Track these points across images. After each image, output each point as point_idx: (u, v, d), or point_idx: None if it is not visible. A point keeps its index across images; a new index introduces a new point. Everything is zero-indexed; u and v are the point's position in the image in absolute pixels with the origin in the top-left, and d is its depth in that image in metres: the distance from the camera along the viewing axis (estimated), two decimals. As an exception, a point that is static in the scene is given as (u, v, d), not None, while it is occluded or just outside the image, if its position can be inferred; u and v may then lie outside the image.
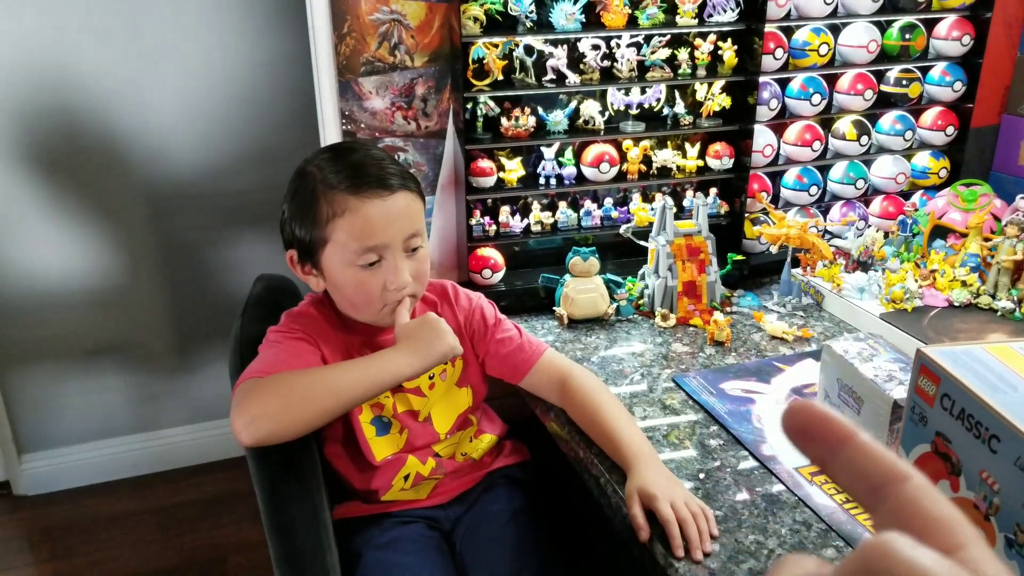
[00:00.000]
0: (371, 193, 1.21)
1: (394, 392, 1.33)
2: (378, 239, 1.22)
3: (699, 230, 1.72)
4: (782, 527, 1.10)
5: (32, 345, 2.32)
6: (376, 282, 1.24)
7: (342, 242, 1.22)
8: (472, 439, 1.44)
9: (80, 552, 2.24)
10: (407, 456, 1.35)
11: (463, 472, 1.43)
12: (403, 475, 1.35)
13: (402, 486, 1.36)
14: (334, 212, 1.21)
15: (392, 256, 1.24)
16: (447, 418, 1.38)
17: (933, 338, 1.51)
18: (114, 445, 2.48)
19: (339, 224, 1.21)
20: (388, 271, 1.24)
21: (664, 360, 1.54)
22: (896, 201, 2.00)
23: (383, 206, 1.22)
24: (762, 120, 1.82)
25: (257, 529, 1.23)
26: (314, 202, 1.23)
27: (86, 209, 2.24)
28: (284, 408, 1.12)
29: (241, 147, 2.30)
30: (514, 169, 1.75)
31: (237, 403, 1.13)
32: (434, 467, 1.37)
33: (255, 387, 1.14)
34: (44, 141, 2.15)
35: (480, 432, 1.45)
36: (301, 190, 1.26)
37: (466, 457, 1.42)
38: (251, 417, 1.11)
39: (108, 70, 2.13)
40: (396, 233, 1.23)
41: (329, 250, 1.24)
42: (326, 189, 1.22)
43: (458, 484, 1.42)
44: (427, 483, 1.39)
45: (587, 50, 1.70)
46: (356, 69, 1.64)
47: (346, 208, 1.21)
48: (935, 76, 1.94)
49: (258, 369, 1.18)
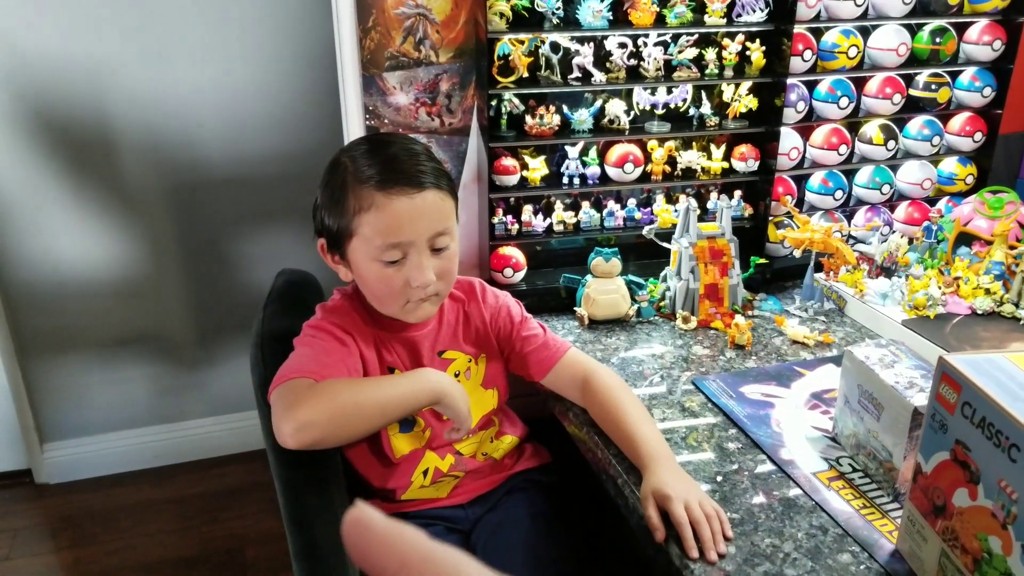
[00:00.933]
0: (398, 190, 1.21)
1: None
2: (403, 236, 1.22)
3: (722, 232, 1.71)
4: (798, 531, 1.09)
5: (55, 335, 2.34)
6: (399, 279, 1.24)
7: (367, 237, 1.22)
8: (493, 439, 1.44)
9: (101, 540, 2.26)
10: (425, 451, 1.35)
11: (483, 473, 1.43)
12: (421, 470, 1.35)
13: (421, 483, 1.36)
14: (361, 206, 1.21)
15: (416, 254, 1.23)
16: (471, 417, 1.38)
17: (955, 346, 1.49)
18: (136, 435, 2.50)
19: (365, 219, 1.21)
20: (411, 268, 1.23)
21: (684, 363, 1.54)
22: (921, 207, 1.98)
23: (410, 204, 1.21)
24: (789, 122, 1.81)
25: (276, 521, 1.23)
26: (344, 194, 1.23)
27: (110, 200, 2.25)
28: (333, 419, 1.14)
29: (265, 141, 2.31)
30: (538, 168, 1.74)
31: (286, 405, 1.13)
32: (453, 463, 1.37)
33: (304, 392, 1.14)
34: (69, 133, 2.16)
35: (502, 433, 1.45)
36: (333, 180, 1.26)
37: (487, 457, 1.42)
38: (301, 423, 1.11)
39: (133, 63, 2.14)
40: (422, 231, 1.23)
41: (355, 243, 1.24)
42: (356, 182, 1.22)
43: (479, 485, 1.42)
44: (447, 481, 1.39)
45: (614, 48, 1.70)
46: (380, 64, 1.64)
47: (373, 203, 1.21)
48: (964, 81, 1.92)
49: (299, 368, 1.18)
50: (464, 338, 1.39)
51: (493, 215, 1.74)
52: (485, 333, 1.40)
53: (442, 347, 1.37)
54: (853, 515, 1.12)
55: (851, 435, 1.24)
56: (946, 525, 0.93)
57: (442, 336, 1.37)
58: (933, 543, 0.96)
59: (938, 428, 0.94)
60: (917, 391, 1.11)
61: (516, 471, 1.46)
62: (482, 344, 1.40)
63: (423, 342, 1.35)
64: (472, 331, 1.40)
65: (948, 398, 0.92)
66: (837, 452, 1.25)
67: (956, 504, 0.91)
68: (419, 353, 1.34)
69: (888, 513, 1.12)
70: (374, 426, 1.22)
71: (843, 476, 1.20)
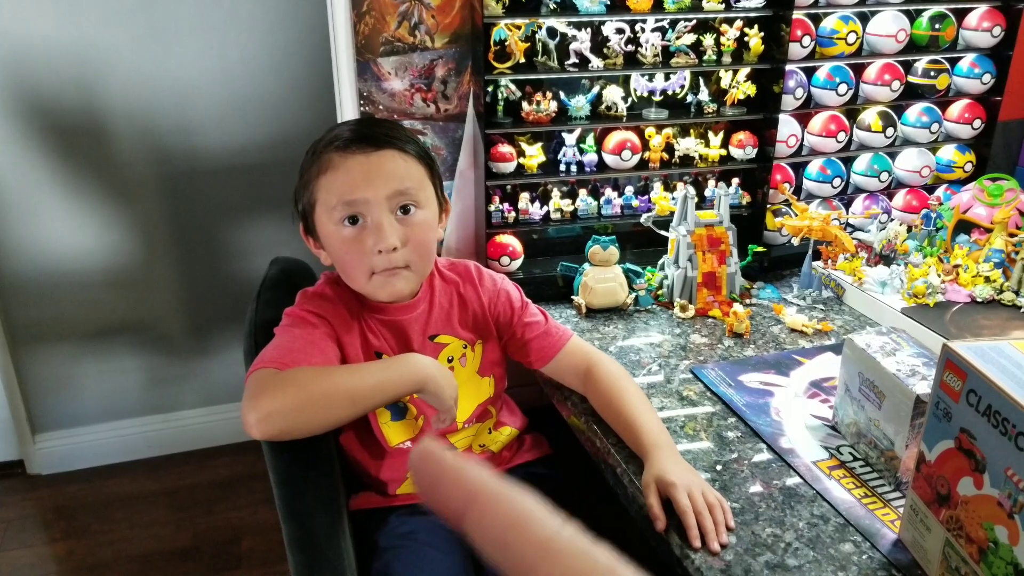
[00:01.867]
0: (355, 149, 1.19)
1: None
2: (357, 193, 1.18)
3: (720, 220, 1.70)
4: (799, 520, 1.08)
5: (46, 324, 2.32)
6: (361, 243, 1.20)
7: (326, 201, 1.20)
8: (491, 431, 1.42)
9: (94, 532, 2.24)
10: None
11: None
12: None
13: None
14: (320, 169, 1.20)
15: (376, 214, 1.19)
16: (466, 407, 1.36)
17: (955, 334, 1.48)
18: (128, 426, 2.49)
19: (323, 182, 1.20)
20: (372, 230, 1.19)
21: (682, 351, 1.52)
22: (920, 195, 1.97)
23: (365, 161, 1.19)
24: (787, 109, 1.79)
25: (271, 512, 1.22)
26: (310, 165, 1.23)
27: (101, 188, 2.23)
28: (298, 408, 1.10)
29: (257, 128, 2.29)
30: (534, 155, 1.73)
31: (250, 395, 1.10)
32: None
33: (271, 381, 1.10)
34: (60, 120, 2.14)
35: (500, 424, 1.43)
36: (305, 159, 1.25)
37: (484, 449, 1.40)
38: (265, 413, 1.07)
39: (123, 49, 2.12)
40: (378, 189, 1.18)
41: (318, 212, 1.22)
42: (320, 150, 1.22)
43: None
44: None
45: (611, 34, 1.68)
46: (375, 49, 1.62)
47: (330, 165, 1.19)
48: (964, 68, 1.90)
49: (272, 357, 1.15)
50: (460, 322, 1.35)
51: (489, 203, 1.72)
52: (483, 318, 1.37)
53: (434, 331, 1.33)
54: (854, 504, 1.11)
55: (851, 423, 1.22)
56: (950, 514, 0.92)
57: (434, 319, 1.33)
58: (937, 533, 0.95)
59: (942, 416, 0.93)
60: (919, 379, 1.10)
61: (515, 464, 1.44)
62: (480, 329, 1.37)
63: (412, 325, 1.31)
64: (469, 315, 1.36)
65: (953, 386, 0.91)
66: (837, 441, 1.24)
67: (961, 493, 0.90)
68: (408, 337, 1.30)
69: (890, 502, 1.11)
70: (345, 415, 1.15)
71: (844, 465, 1.19)
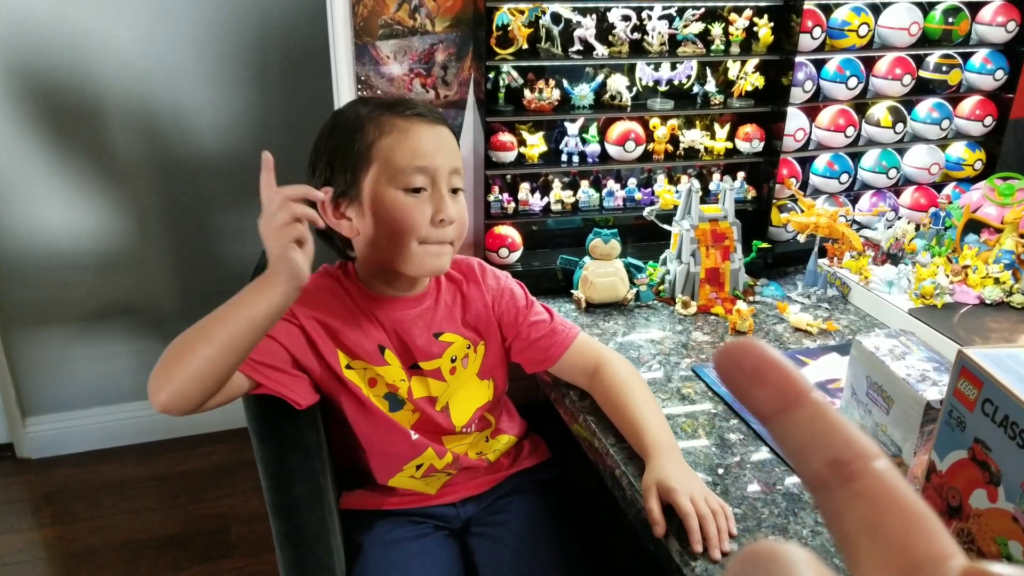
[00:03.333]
0: (419, 119, 1.18)
1: (411, 374, 1.26)
2: (428, 161, 1.16)
3: (725, 215, 1.66)
4: (803, 528, 1.05)
5: (38, 307, 2.30)
6: (422, 210, 1.17)
7: (390, 162, 1.15)
8: (489, 439, 1.38)
9: (83, 517, 2.22)
10: (427, 447, 1.28)
11: (477, 473, 1.36)
12: (416, 464, 1.29)
13: (412, 473, 1.31)
14: (381, 132, 1.16)
15: (441, 185, 1.18)
16: (465, 410, 1.32)
17: (964, 337, 1.45)
18: (120, 411, 2.46)
19: (386, 143, 1.16)
20: (438, 199, 1.17)
21: (684, 349, 1.49)
22: (928, 192, 1.93)
23: (432, 132, 1.18)
24: (796, 102, 1.75)
25: (262, 500, 1.19)
26: (358, 128, 1.17)
27: (95, 171, 2.20)
28: (165, 369, 1.02)
29: (252, 111, 2.26)
30: (536, 144, 1.69)
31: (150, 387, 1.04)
32: (450, 462, 1.31)
33: (159, 363, 1.04)
34: (53, 101, 2.11)
35: (498, 432, 1.39)
36: (340, 124, 1.20)
37: (481, 456, 1.36)
38: (151, 390, 1.02)
39: (118, 30, 2.09)
40: (445, 162, 1.18)
41: (373, 172, 1.16)
42: (372, 114, 1.18)
43: (472, 485, 1.36)
44: (437, 477, 1.33)
45: (617, 21, 1.63)
46: (374, 32, 1.58)
47: (395, 127, 1.16)
48: (976, 63, 1.87)
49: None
50: (463, 321, 1.31)
51: (489, 193, 1.68)
52: (487, 317, 1.32)
53: (439, 328, 1.29)
54: (860, 512, 1.07)
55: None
56: (961, 527, 0.89)
57: (439, 316, 1.29)
58: (946, 545, 0.92)
59: (955, 425, 0.89)
60: (929, 384, 1.06)
61: (513, 472, 1.40)
62: (483, 329, 1.32)
63: (417, 321, 1.27)
64: (472, 315, 1.32)
65: (967, 394, 0.87)
66: (842, 445, 1.21)
67: (973, 506, 0.87)
68: (411, 332, 1.26)
69: (896, 511, 1.08)
70: (206, 357, 1.01)
71: (849, 470, 1.16)
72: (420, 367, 1.26)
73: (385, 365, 1.24)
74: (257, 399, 1.16)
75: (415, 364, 1.26)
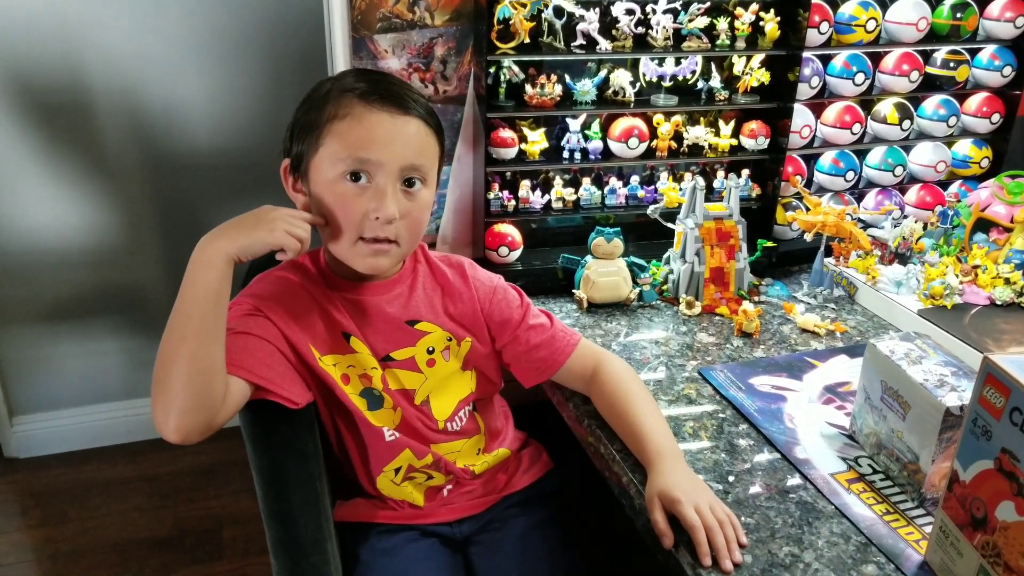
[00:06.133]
0: (381, 105, 1.11)
1: (383, 365, 1.21)
2: (372, 153, 1.09)
3: (730, 213, 1.63)
4: (818, 539, 1.01)
5: (26, 305, 2.25)
6: (359, 203, 1.11)
7: (333, 149, 1.10)
8: (480, 452, 1.32)
9: (71, 518, 2.18)
10: (404, 448, 1.23)
11: (475, 493, 1.31)
12: (394, 467, 1.24)
13: (392, 477, 1.26)
14: (336, 113, 1.10)
15: (384, 180, 1.11)
16: (447, 404, 1.26)
17: (976, 339, 1.42)
18: (109, 410, 2.42)
19: (337, 127, 1.10)
20: (376, 195, 1.10)
21: (689, 350, 1.45)
22: (934, 191, 1.91)
23: (390, 122, 1.11)
24: (802, 99, 1.72)
25: (254, 501, 1.15)
26: (324, 103, 1.12)
27: (84, 167, 2.16)
28: (160, 392, 1.00)
29: (246, 106, 2.22)
30: (537, 141, 1.65)
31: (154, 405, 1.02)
32: (430, 463, 1.25)
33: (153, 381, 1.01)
34: (42, 96, 2.07)
35: (491, 444, 1.33)
36: (314, 94, 1.16)
37: (467, 469, 1.30)
38: (158, 425, 1.01)
39: (110, 23, 2.05)
40: (395, 156, 1.10)
41: (320, 155, 1.12)
42: (339, 91, 1.12)
43: (470, 505, 1.31)
44: (418, 482, 1.28)
45: (620, 15, 1.60)
46: (372, 25, 1.54)
47: (350, 112, 1.10)
48: (984, 60, 1.84)
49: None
50: (445, 311, 1.26)
51: (489, 190, 1.65)
52: (473, 314, 1.27)
53: (414, 316, 1.23)
54: (876, 521, 1.04)
55: (871, 433, 1.16)
56: (986, 540, 0.86)
57: (414, 304, 1.23)
58: (970, 558, 0.89)
59: (980, 434, 0.86)
60: (948, 390, 1.03)
61: (511, 491, 1.34)
62: (469, 326, 1.27)
63: (385, 307, 1.21)
64: (457, 309, 1.26)
65: (994, 402, 0.84)
66: (855, 451, 1.18)
67: (1000, 518, 0.84)
68: (378, 318, 1.21)
69: (913, 520, 1.04)
70: (190, 355, 0.99)
71: (863, 478, 1.12)
72: (392, 357, 1.21)
73: (353, 353, 1.19)
74: (251, 401, 1.12)
75: (388, 356, 1.21)
